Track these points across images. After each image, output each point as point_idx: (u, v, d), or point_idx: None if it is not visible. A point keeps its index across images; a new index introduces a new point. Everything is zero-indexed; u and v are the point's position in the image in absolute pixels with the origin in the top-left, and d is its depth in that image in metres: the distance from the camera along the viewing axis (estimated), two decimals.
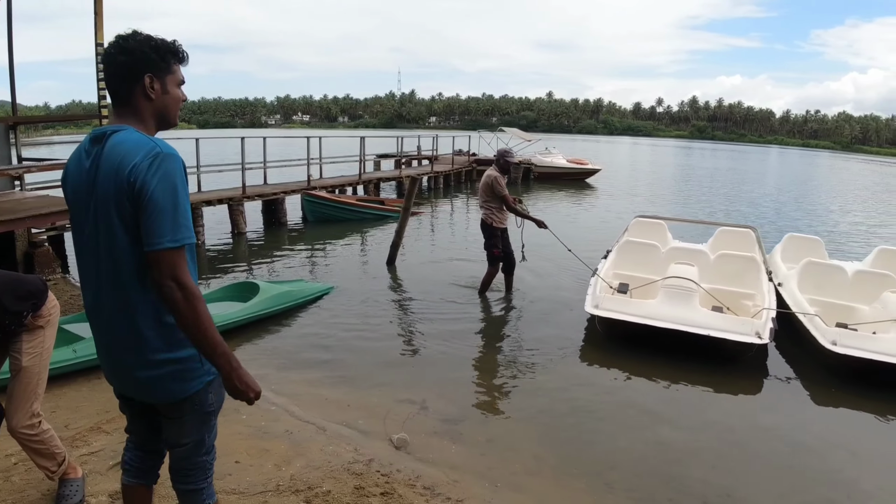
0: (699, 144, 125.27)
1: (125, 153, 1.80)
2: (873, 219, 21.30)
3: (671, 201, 23.01)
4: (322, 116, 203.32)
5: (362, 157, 18.15)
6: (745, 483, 4.16)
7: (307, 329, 6.66)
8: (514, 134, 30.81)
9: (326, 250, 11.25)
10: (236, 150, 12.88)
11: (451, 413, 4.79)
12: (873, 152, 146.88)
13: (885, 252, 8.62)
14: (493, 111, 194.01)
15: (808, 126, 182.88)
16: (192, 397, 2.05)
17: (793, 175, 45.80)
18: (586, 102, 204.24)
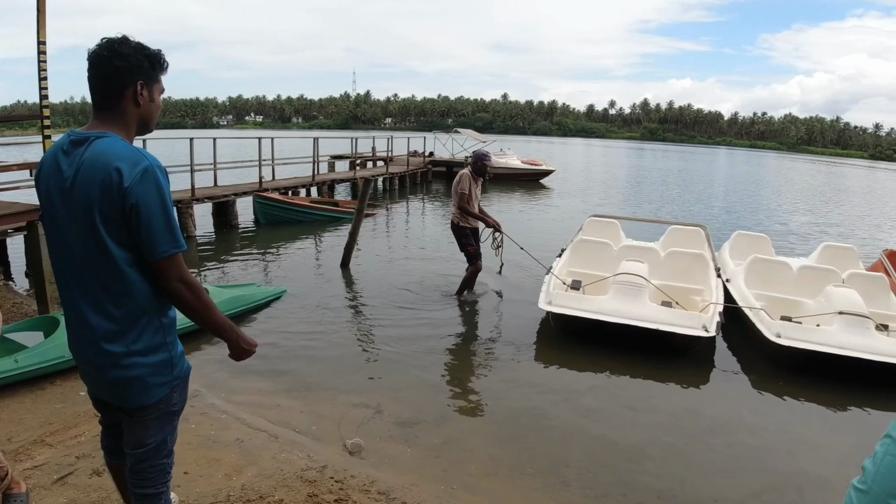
0: (650, 146, 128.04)
1: (111, 162, 1.84)
2: (820, 216, 22.16)
3: (624, 201, 23.45)
4: (276, 117, 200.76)
5: (316, 158, 17.94)
6: (696, 474, 4.26)
7: (259, 334, 6.48)
8: (468, 135, 30.89)
9: (279, 253, 11.06)
10: (186, 151, 12.58)
11: (406, 416, 4.74)
12: (818, 152, 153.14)
13: (829, 248, 9.02)
14: (448, 112, 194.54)
15: (756, 128, 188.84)
16: (161, 398, 2.11)
17: (742, 175, 47.20)
18: (541, 104, 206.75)
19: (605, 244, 8.48)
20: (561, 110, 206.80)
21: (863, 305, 6.33)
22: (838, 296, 6.53)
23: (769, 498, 4.02)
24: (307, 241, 12.15)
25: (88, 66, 1.95)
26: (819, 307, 6.68)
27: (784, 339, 6.04)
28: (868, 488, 0.97)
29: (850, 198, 32.47)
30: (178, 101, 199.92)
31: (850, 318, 6.13)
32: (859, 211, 25.57)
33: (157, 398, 2.09)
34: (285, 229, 12.92)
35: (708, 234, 9.54)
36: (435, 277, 9.16)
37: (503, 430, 4.71)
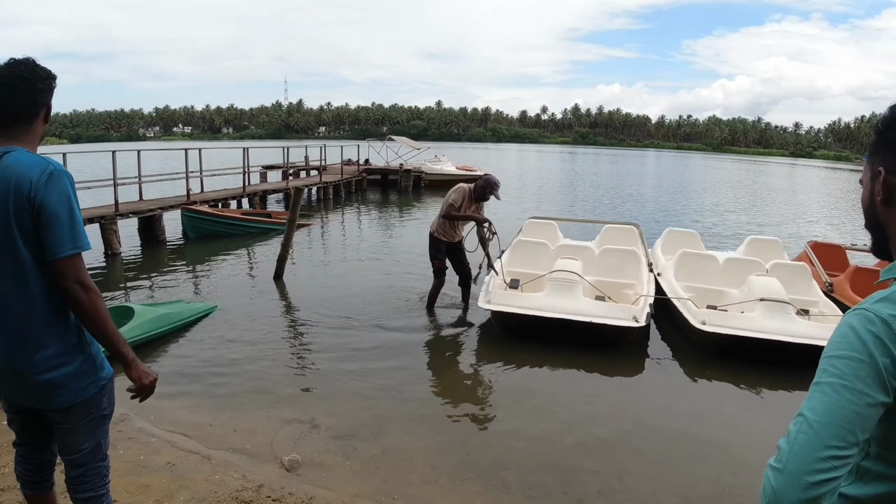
0: (582, 150, 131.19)
1: (22, 172, 1.94)
2: (748, 213, 23.24)
3: (559, 204, 23.95)
4: (205, 127, 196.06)
5: (246, 168, 17.55)
6: (634, 467, 4.35)
7: (188, 353, 6.30)
8: (403, 142, 30.93)
9: (209, 268, 10.75)
10: (109, 165, 12.09)
11: (343, 429, 4.67)
12: (742, 152, 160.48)
13: (755, 241, 9.57)
14: (383, 120, 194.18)
15: (682, 130, 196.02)
16: (89, 401, 2.16)
17: (672, 176, 48.88)
18: (475, 111, 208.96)
19: (542, 244, 8.72)
20: (494, 117, 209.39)
21: (783, 292, 6.72)
22: (760, 284, 6.92)
23: (705, 486, 4.13)
24: (239, 255, 11.85)
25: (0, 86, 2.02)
26: (742, 295, 7.07)
27: (709, 325, 6.37)
28: (783, 467, 0.98)
29: (776, 194, 34.12)
30: (102, 113, 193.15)
31: (771, 304, 6.50)
32: (784, 206, 26.90)
33: (86, 397, 2.15)
34: (216, 243, 12.55)
35: (641, 231, 10.00)
36: (372, 287, 9.09)
37: (442, 437, 4.70)
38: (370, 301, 8.29)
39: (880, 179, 1.16)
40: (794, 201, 29.97)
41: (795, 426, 1.01)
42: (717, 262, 8.33)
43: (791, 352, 6.01)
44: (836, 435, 0.97)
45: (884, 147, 1.16)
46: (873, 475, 1.11)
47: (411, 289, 8.82)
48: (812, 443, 0.98)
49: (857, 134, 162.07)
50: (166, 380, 5.53)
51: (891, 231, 1.18)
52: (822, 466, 0.96)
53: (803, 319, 6.62)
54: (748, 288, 7.07)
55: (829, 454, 0.96)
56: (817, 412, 1.00)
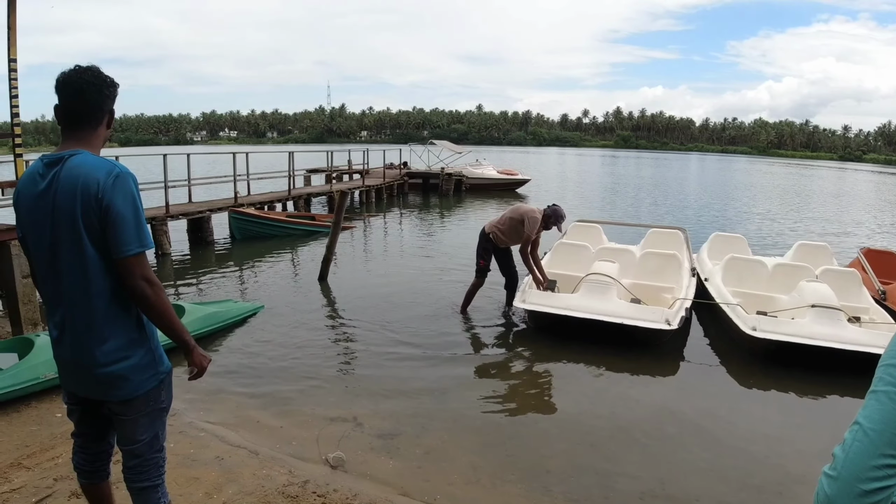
0: (624, 153, 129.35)
1: (88, 173, 2.02)
2: (795, 216, 22.68)
3: (600, 208, 23.71)
4: (250, 132, 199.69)
5: (291, 172, 17.86)
6: (677, 473, 4.31)
7: (236, 350, 6.47)
8: (444, 146, 31.00)
9: (255, 268, 10.99)
10: (160, 168, 12.46)
11: (387, 428, 4.73)
12: (788, 155, 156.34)
13: (804, 246, 9.48)
14: (424, 124, 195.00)
15: (727, 133, 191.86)
16: (148, 393, 2.25)
17: (717, 180, 47.93)
18: (515, 115, 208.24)
19: (583, 246, 8.80)
20: (535, 120, 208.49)
21: (834, 298, 6.62)
22: (810, 290, 6.83)
23: (749, 495, 4.07)
24: (284, 256, 12.09)
25: (69, 91, 2.11)
26: (793, 301, 6.98)
27: (760, 331, 6.29)
28: (838, 474, 0.99)
29: (825, 199, 33.17)
30: (151, 118, 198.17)
31: (822, 310, 6.41)
32: (834, 211, 26.15)
33: (145, 390, 2.24)
34: (261, 244, 12.83)
35: (687, 235, 9.91)
36: (414, 289, 9.19)
37: (484, 438, 4.72)
38: (412, 302, 8.39)
39: None
40: (844, 206, 29.07)
41: (851, 434, 1.01)
42: (765, 268, 8.26)
43: (843, 359, 5.91)
44: (891, 443, 0.97)
45: None
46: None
47: (453, 291, 8.86)
48: (867, 451, 0.98)
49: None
50: (215, 377, 5.70)
51: None
52: (876, 475, 0.96)
53: (855, 326, 6.50)
54: (798, 294, 6.99)
55: (884, 462, 0.96)
56: (873, 420, 1.00)
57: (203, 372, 2.37)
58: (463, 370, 6.16)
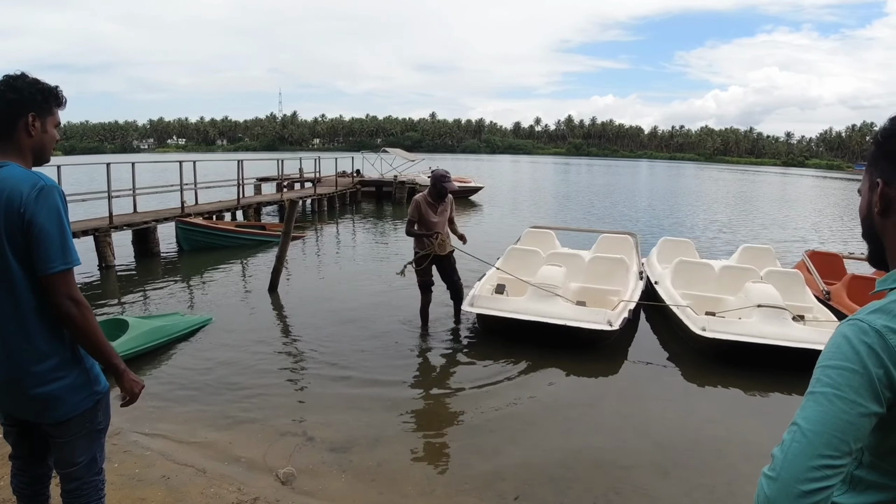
0: (576, 160, 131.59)
1: (12, 187, 1.95)
2: (740, 220, 23.44)
3: (554, 214, 23.99)
4: (199, 139, 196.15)
5: (240, 180, 17.55)
6: (630, 477, 4.35)
7: (183, 365, 6.28)
8: (397, 154, 30.95)
9: (204, 280, 10.73)
10: (104, 177, 12.09)
11: (339, 441, 4.66)
12: (734, 161, 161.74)
13: (749, 249, 9.84)
14: (377, 132, 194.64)
15: (675, 140, 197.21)
16: (84, 415, 2.19)
17: (667, 186, 49.06)
18: (468, 123, 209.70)
19: (534, 252, 8.94)
20: (488, 128, 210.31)
21: (779, 298, 6.89)
22: (756, 290, 7.09)
23: (702, 495, 4.13)
24: (233, 267, 11.83)
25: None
26: (739, 302, 7.24)
27: (709, 331, 6.51)
28: (777, 475, 1.00)
29: (769, 204, 34.39)
30: (97, 125, 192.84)
31: (768, 310, 6.68)
32: (777, 215, 27.11)
33: (81, 410, 2.18)
34: (210, 255, 12.54)
35: (637, 240, 10.15)
36: (366, 299, 9.10)
37: (438, 448, 4.71)
38: (364, 313, 8.29)
39: (878, 191, 1.17)
40: (788, 210, 30.14)
41: (789, 435, 1.02)
42: (712, 270, 8.55)
43: (789, 356, 6.13)
44: (828, 444, 0.98)
45: (882, 158, 1.17)
46: (867, 484, 1.12)
47: (406, 300, 8.82)
48: (805, 451, 0.99)
49: (849, 143, 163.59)
50: (161, 393, 5.55)
51: (887, 241, 1.19)
52: (815, 475, 0.97)
53: (799, 325, 6.76)
54: (745, 294, 7.25)
55: (822, 463, 0.97)
56: (811, 421, 1.01)
57: (135, 398, 2.30)
58: (416, 379, 6.11)
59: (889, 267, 1.19)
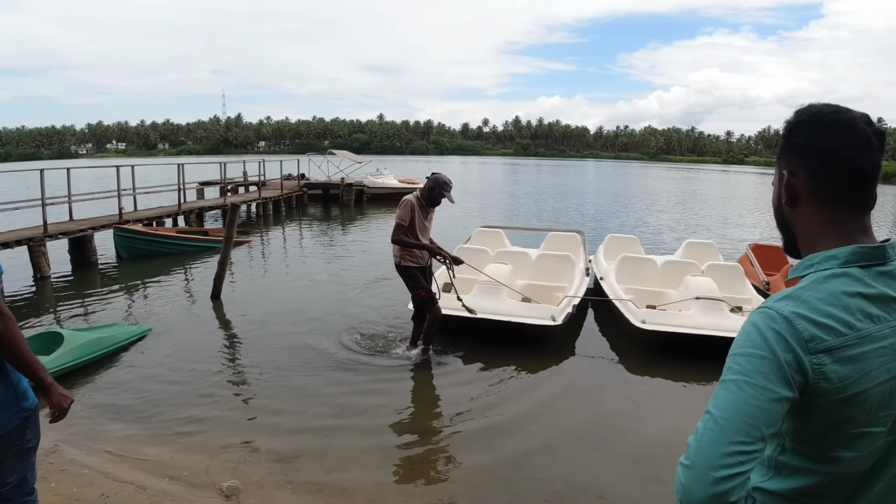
0: (524, 161, 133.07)
1: None
2: (684, 217, 24.25)
3: (503, 214, 24.15)
4: (140, 144, 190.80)
5: (181, 185, 17.10)
6: (580, 471, 4.43)
7: (121, 379, 6.05)
8: (344, 156, 30.74)
9: (144, 289, 10.39)
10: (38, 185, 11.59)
11: (285, 451, 4.56)
12: (677, 160, 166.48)
13: (692, 244, 10.18)
14: (324, 134, 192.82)
15: (619, 140, 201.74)
16: (12, 433, 2.13)
17: (613, 185, 50.05)
18: (417, 124, 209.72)
19: (482, 251, 9.05)
20: (437, 130, 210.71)
21: (717, 290, 7.18)
22: (695, 284, 7.37)
23: (653, 488, 4.19)
24: (175, 275, 11.51)
25: None
26: (680, 295, 7.50)
27: (648, 324, 6.74)
28: (691, 463, 1.01)
29: (711, 200, 35.61)
30: (33, 131, 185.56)
31: (706, 302, 6.92)
32: (719, 211, 28.06)
33: (8, 428, 2.12)
34: (150, 263, 12.17)
35: (584, 238, 10.44)
36: (313, 305, 8.97)
37: (387, 453, 4.65)
38: (311, 318, 8.16)
39: (784, 182, 1.20)
40: (732, 207, 31.15)
41: (703, 423, 1.04)
42: (655, 265, 8.79)
43: (726, 346, 6.27)
44: (740, 430, 1.00)
45: (788, 150, 1.21)
46: (791, 469, 1.15)
47: (353, 305, 8.78)
48: (718, 439, 1.00)
49: None
50: (99, 408, 5.35)
51: (797, 231, 1.23)
52: (728, 462, 0.99)
53: (737, 315, 6.99)
54: (685, 288, 7.50)
55: (735, 449, 0.99)
56: (722, 409, 1.03)
57: (64, 413, 2.22)
58: (363, 385, 6.01)
59: (801, 255, 1.22)
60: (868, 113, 1.15)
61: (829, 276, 1.10)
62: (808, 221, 1.19)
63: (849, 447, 1.10)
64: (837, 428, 1.09)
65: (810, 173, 1.17)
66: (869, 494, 1.15)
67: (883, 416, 1.09)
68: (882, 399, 1.08)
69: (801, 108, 1.20)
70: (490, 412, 5.45)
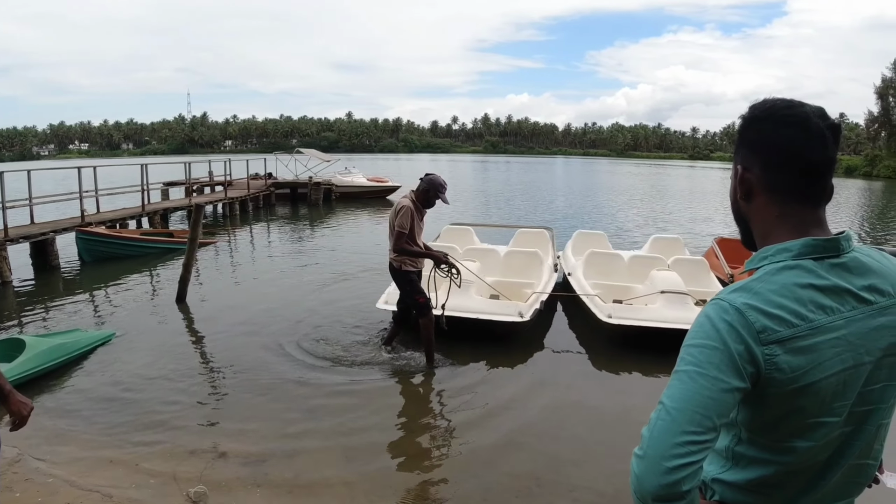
0: (494, 158, 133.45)
1: None
2: (652, 212, 24.72)
3: (473, 211, 24.21)
4: (103, 144, 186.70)
5: (145, 186, 16.81)
6: (551, 466, 4.48)
7: (86, 385, 5.93)
8: (312, 155, 30.47)
9: (108, 293, 10.20)
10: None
11: (253, 454, 4.53)
12: (644, 156, 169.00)
13: (658, 239, 10.41)
14: (292, 133, 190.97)
15: (587, 137, 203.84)
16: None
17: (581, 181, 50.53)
18: (386, 122, 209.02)
19: (451, 248, 8.94)
20: (406, 127, 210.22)
21: (682, 284, 7.31)
22: (661, 278, 7.50)
23: (622, 480, 4.25)
24: (140, 278, 11.30)
25: None
26: (646, 289, 7.61)
27: (615, 318, 6.83)
28: (644, 454, 1.02)
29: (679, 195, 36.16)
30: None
31: (671, 295, 7.07)
32: (687, 206, 28.58)
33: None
34: (114, 266, 11.93)
35: (552, 234, 10.59)
36: (280, 305, 8.90)
37: (355, 453, 4.64)
38: (278, 320, 8.09)
39: (739, 176, 1.22)
40: (698, 201, 31.66)
41: (656, 414, 1.05)
42: (622, 260, 8.94)
43: None
44: (691, 420, 1.01)
45: (742, 145, 1.23)
46: (748, 460, 1.17)
47: (321, 306, 8.74)
48: (670, 429, 1.02)
49: None
50: (63, 415, 5.26)
51: (753, 224, 1.25)
52: (679, 451, 0.99)
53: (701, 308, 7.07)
54: (650, 282, 7.63)
55: (687, 439, 1.00)
56: (674, 399, 1.04)
57: (24, 421, 2.17)
58: (331, 386, 5.98)
59: (757, 248, 1.23)
60: (824, 107, 1.15)
61: (781, 268, 1.12)
62: (763, 215, 1.21)
63: (804, 437, 1.11)
64: (791, 418, 1.10)
65: (764, 167, 1.18)
66: (827, 485, 1.17)
67: (837, 407, 1.11)
68: (836, 389, 1.09)
69: (755, 104, 1.22)
70: (459, 409, 5.49)
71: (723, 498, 1.21)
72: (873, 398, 1.15)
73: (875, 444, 1.20)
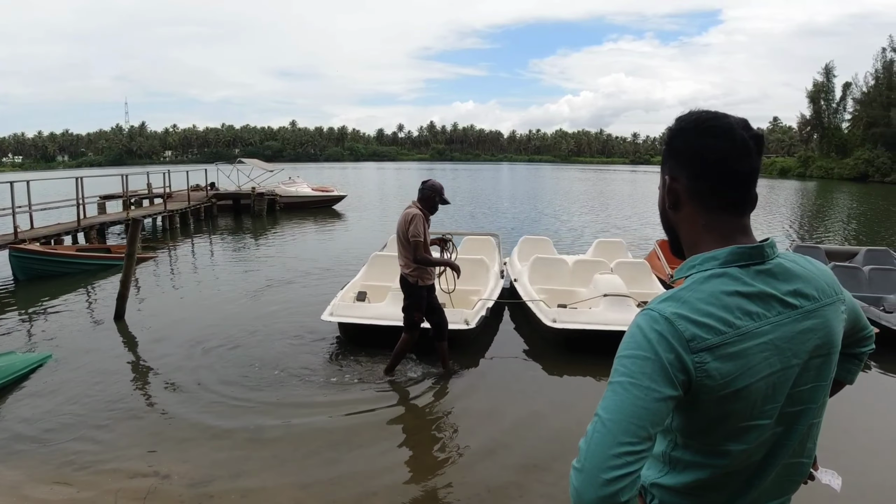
0: (440, 165, 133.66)
1: None
2: (599, 216, 25.26)
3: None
4: (37, 156, 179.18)
5: (80, 200, 16.24)
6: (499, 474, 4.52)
7: (19, 411, 5.66)
8: (255, 165, 29.95)
9: (44, 312, 9.78)
10: None
11: (198, 475, 4.43)
12: (587, 161, 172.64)
13: (602, 243, 10.61)
14: (234, 142, 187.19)
15: (532, 143, 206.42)
16: None
17: (527, 187, 51.09)
18: (331, 130, 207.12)
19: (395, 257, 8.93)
20: (351, 135, 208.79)
21: (623, 287, 7.51)
22: (604, 282, 7.69)
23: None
24: (76, 296, 10.89)
25: None
26: (589, 293, 7.79)
27: (559, 322, 6.98)
28: (582, 466, 1.03)
29: (622, 199, 37.07)
30: None
31: (613, 298, 7.23)
32: (630, 209, 29.29)
33: None
34: (49, 284, 11.46)
35: (498, 241, 10.77)
36: (223, 321, 8.71)
37: (306, 469, 4.60)
38: (221, 335, 7.90)
39: (667, 186, 1.25)
40: (638, 204, 32.47)
41: (592, 426, 1.07)
42: (566, 265, 9.12)
43: None
44: (627, 431, 1.03)
45: (669, 156, 1.25)
46: (684, 464, 1.20)
47: (265, 319, 8.62)
48: (606, 441, 1.03)
49: None
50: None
51: (681, 233, 1.28)
52: (616, 463, 1.01)
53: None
54: (594, 286, 7.80)
55: (623, 450, 1.01)
56: (609, 410, 1.06)
57: None
58: (276, 401, 5.89)
59: (685, 257, 1.27)
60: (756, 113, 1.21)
61: (709, 277, 1.14)
62: (690, 224, 1.24)
63: (737, 440, 1.14)
64: (724, 422, 1.12)
65: (689, 177, 1.21)
66: (763, 485, 1.20)
67: (768, 409, 1.14)
68: (766, 393, 1.12)
69: (681, 115, 1.24)
70: (404, 418, 5.52)
71: (662, 502, 1.23)
72: (803, 399, 1.19)
73: (808, 442, 1.24)
